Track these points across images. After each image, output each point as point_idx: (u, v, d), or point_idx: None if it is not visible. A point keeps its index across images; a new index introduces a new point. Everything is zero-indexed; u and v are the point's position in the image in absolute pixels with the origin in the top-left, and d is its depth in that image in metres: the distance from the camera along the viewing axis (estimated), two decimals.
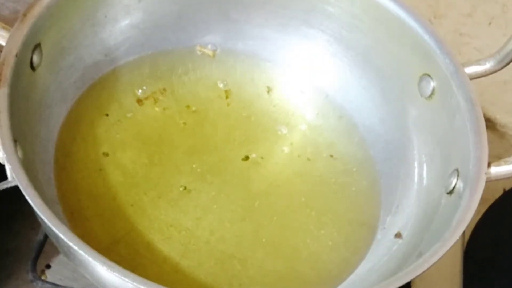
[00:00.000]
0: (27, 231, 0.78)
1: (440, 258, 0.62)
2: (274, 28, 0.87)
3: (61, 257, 0.78)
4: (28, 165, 0.62)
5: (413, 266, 0.62)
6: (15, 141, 0.62)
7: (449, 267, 0.85)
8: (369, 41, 0.83)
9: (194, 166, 0.77)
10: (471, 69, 0.75)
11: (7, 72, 0.64)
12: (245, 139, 0.81)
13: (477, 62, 0.76)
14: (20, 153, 0.63)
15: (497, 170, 0.68)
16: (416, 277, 0.61)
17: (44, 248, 0.74)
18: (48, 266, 0.78)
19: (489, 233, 0.89)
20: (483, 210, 0.90)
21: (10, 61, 0.65)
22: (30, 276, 0.72)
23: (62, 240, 0.57)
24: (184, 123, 0.80)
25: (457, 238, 0.62)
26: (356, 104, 0.86)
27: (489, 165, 0.68)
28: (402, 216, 0.76)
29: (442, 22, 1.04)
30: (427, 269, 0.61)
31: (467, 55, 1.03)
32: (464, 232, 0.84)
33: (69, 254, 0.62)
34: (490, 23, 1.03)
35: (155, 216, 0.73)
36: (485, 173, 0.67)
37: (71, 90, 0.78)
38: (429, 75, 0.78)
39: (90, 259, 0.56)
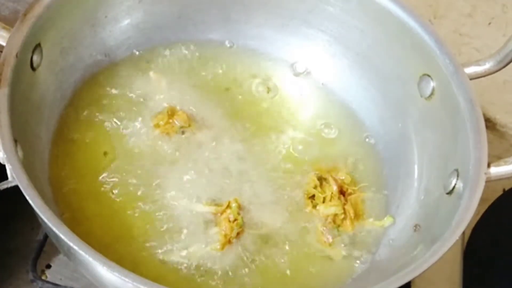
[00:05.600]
0: (27, 231, 0.78)
1: (440, 258, 0.62)
2: (274, 28, 0.87)
3: (61, 257, 0.78)
4: (28, 165, 0.62)
5: (413, 266, 0.62)
6: (15, 141, 0.62)
7: (449, 267, 0.85)
8: (369, 41, 0.83)
9: (192, 166, 0.78)
10: (471, 69, 0.76)
11: (7, 72, 0.64)
12: (245, 139, 0.81)
13: (477, 62, 0.76)
14: (20, 153, 0.63)
15: (497, 170, 0.68)
16: (416, 277, 0.62)
17: (44, 248, 0.74)
18: (49, 266, 0.78)
19: (489, 233, 0.89)
20: (483, 210, 0.90)
21: (11, 61, 0.65)
22: (30, 276, 0.73)
23: (62, 240, 0.57)
24: (182, 126, 0.80)
25: (457, 238, 0.62)
26: (356, 104, 0.86)
27: (488, 165, 0.68)
28: (402, 217, 0.76)
29: (442, 22, 1.04)
30: (427, 269, 0.62)
31: (467, 55, 1.03)
32: (464, 232, 0.84)
33: (69, 254, 0.62)
34: (490, 24, 1.03)
35: (156, 214, 0.73)
36: (485, 173, 0.67)
37: (72, 90, 0.78)
38: (429, 75, 0.78)
39: (90, 259, 0.57)
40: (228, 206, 0.74)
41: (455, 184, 0.70)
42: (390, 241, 0.75)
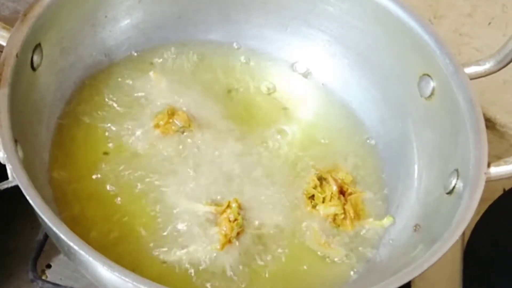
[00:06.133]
0: (27, 231, 0.78)
1: (440, 258, 0.62)
2: (275, 29, 0.87)
3: (61, 257, 0.78)
4: (28, 165, 0.62)
5: (413, 266, 0.62)
6: (15, 141, 0.62)
7: (449, 267, 0.85)
8: (369, 41, 0.83)
9: (192, 166, 0.78)
10: (471, 69, 0.76)
11: (7, 72, 0.64)
12: (245, 139, 0.81)
13: (477, 62, 0.76)
14: (20, 153, 0.63)
15: (497, 170, 0.68)
16: (416, 277, 0.62)
17: (44, 248, 0.74)
18: (49, 266, 0.78)
19: (489, 233, 0.89)
20: (483, 210, 0.90)
21: (11, 62, 0.65)
22: (30, 275, 0.72)
23: (63, 239, 0.57)
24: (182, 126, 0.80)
25: (457, 238, 0.62)
26: (356, 104, 0.86)
27: (488, 165, 0.68)
28: (403, 217, 0.76)
29: (442, 22, 1.04)
30: (427, 269, 0.62)
31: (467, 55, 1.03)
32: (464, 232, 0.83)
33: (69, 253, 0.62)
34: (489, 23, 1.03)
35: (156, 214, 0.73)
36: (485, 173, 0.67)
37: (72, 89, 0.78)
38: (429, 75, 0.78)
39: (90, 259, 0.57)
40: (228, 206, 0.74)
41: (455, 184, 0.70)
42: (390, 241, 0.75)
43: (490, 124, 1.01)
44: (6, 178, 0.61)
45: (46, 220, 0.58)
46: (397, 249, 0.73)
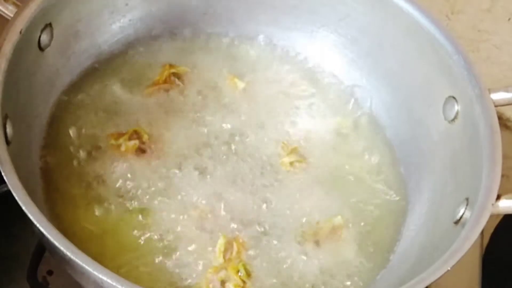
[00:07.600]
0: (28, 236, 0.73)
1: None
2: (303, 35, 0.85)
3: None
4: (18, 147, 0.62)
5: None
6: (6, 116, 0.61)
7: (468, 273, 0.81)
8: (399, 57, 0.80)
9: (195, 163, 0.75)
10: (498, 95, 0.71)
11: (7, 47, 0.63)
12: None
13: (506, 88, 0.72)
14: (10, 129, 0.61)
15: (507, 204, 0.64)
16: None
17: (46, 254, 0.71)
18: (50, 273, 0.74)
19: (508, 237, 0.85)
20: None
21: (13, 37, 0.63)
22: (31, 282, 0.70)
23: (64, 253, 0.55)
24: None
25: (448, 268, 0.58)
26: (381, 122, 0.83)
27: (499, 198, 0.64)
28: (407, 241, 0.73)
29: (460, 18, 1.00)
30: None
31: (486, 51, 0.99)
32: (482, 237, 0.80)
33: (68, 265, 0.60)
34: (510, 19, 0.98)
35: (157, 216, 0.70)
36: (492, 205, 0.63)
37: (83, 75, 0.77)
38: (454, 98, 0.74)
39: (100, 276, 0.54)
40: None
41: (463, 214, 0.66)
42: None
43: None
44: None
45: (46, 233, 0.55)
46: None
